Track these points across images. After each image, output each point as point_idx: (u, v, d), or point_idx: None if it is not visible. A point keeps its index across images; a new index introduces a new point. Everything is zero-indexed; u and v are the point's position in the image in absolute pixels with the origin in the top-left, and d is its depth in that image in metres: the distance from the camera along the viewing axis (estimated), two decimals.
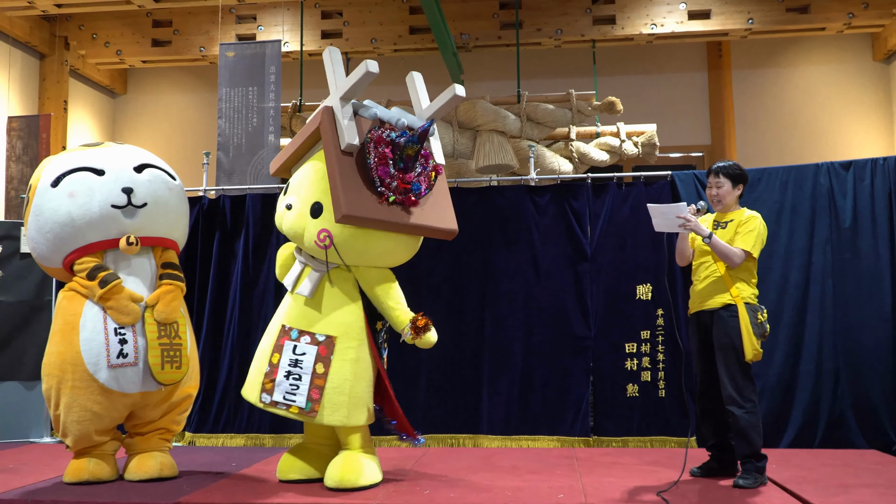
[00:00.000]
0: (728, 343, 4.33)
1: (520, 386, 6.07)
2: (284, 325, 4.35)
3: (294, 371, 4.24)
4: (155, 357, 4.27)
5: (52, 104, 9.46)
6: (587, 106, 7.93)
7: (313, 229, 4.24)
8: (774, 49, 9.83)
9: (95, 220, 4.31)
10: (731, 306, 4.37)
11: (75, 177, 4.35)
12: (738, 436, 4.31)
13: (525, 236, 6.20)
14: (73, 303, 4.29)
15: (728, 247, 4.36)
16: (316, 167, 4.35)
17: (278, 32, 9.16)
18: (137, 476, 4.40)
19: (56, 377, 4.21)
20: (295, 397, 4.21)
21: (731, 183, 4.52)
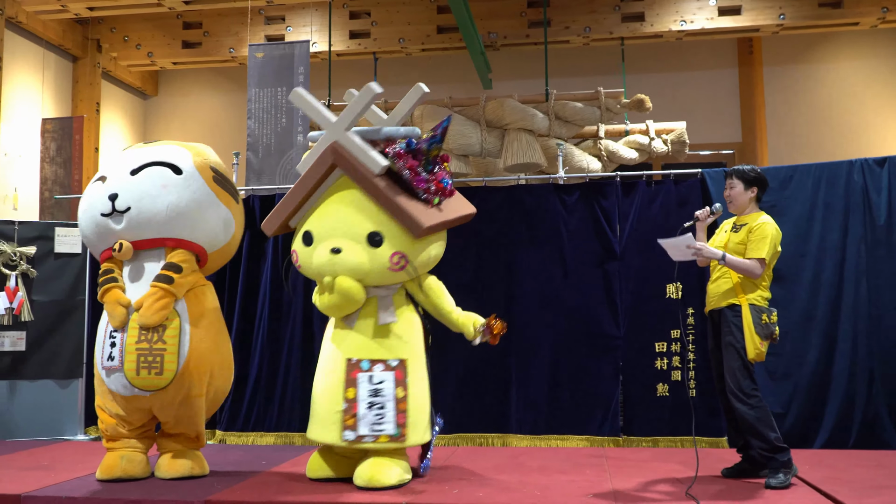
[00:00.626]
0: (731, 341, 4.37)
1: (549, 385, 6.04)
2: (350, 359, 4.26)
3: (376, 401, 4.19)
4: (130, 362, 4.22)
5: (85, 106, 9.58)
6: (616, 104, 7.89)
7: (382, 258, 4.19)
8: (806, 45, 9.71)
9: (94, 231, 4.47)
10: (735, 306, 4.41)
11: (89, 188, 4.54)
12: (748, 432, 4.32)
13: (553, 235, 6.17)
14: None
15: (744, 262, 4.37)
16: (344, 202, 4.27)
17: (307, 33, 9.21)
18: (168, 474, 4.43)
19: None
20: (382, 426, 4.17)
21: (744, 185, 4.56)
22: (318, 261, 4.21)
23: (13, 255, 6.62)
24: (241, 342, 6.41)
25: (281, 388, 6.32)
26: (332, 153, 4.24)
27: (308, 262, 4.29)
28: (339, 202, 4.28)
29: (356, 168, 4.20)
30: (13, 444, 5.87)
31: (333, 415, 4.21)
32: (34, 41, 9.01)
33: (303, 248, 4.32)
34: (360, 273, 4.20)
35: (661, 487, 4.25)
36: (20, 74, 8.79)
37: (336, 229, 4.23)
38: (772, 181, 5.91)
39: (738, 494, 4.08)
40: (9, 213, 8.37)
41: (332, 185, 4.35)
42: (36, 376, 6.66)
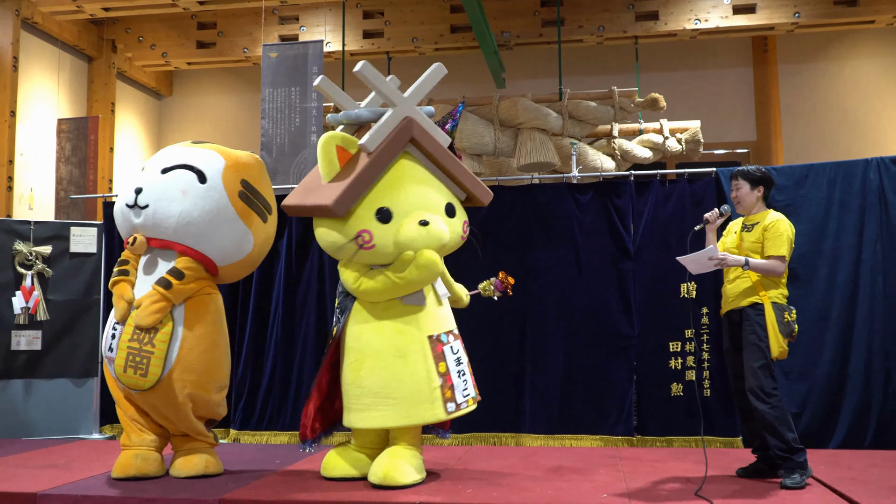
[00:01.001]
0: (754, 340, 4.34)
1: (562, 385, 6.03)
2: (431, 335, 4.28)
3: (461, 368, 4.36)
4: (120, 358, 4.28)
5: (100, 106, 9.63)
6: (630, 103, 7.87)
7: (456, 227, 4.36)
8: (821, 43, 9.66)
9: (120, 217, 4.58)
10: (758, 304, 4.39)
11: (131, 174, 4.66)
12: (767, 431, 4.29)
13: (567, 234, 6.16)
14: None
15: (766, 263, 4.38)
16: (415, 178, 4.28)
17: (320, 33, 9.22)
18: (183, 473, 4.45)
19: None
20: (468, 390, 4.37)
21: (749, 185, 4.56)
22: (407, 235, 4.13)
23: (29, 254, 6.67)
24: (254, 342, 6.43)
25: (294, 387, 6.33)
26: (411, 128, 4.26)
27: (387, 238, 4.14)
28: (410, 178, 4.26)
29: (434, 141, 4.31)
30: (29, 443, 5.90)
31: (431, 392, 4.19)
32: (50, 42, 9.06)
33: (379, 225, 4.14)
34: (441, 245, 4.24)
35: (675, 487, 4.24)
36: (36, 75, 8.85)
37: (417, 203, 4.22)
38: (787, 180, 5.90)
39: (752, 494, 4.07)
40: (24, 213, 8.42)
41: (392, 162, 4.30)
42: (51, 375, 6.70)
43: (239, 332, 6.46)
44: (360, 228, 4.14)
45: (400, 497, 3.97)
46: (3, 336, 6.57)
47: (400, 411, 4.17)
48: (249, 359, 6.40)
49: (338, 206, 4.06)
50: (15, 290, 6.58)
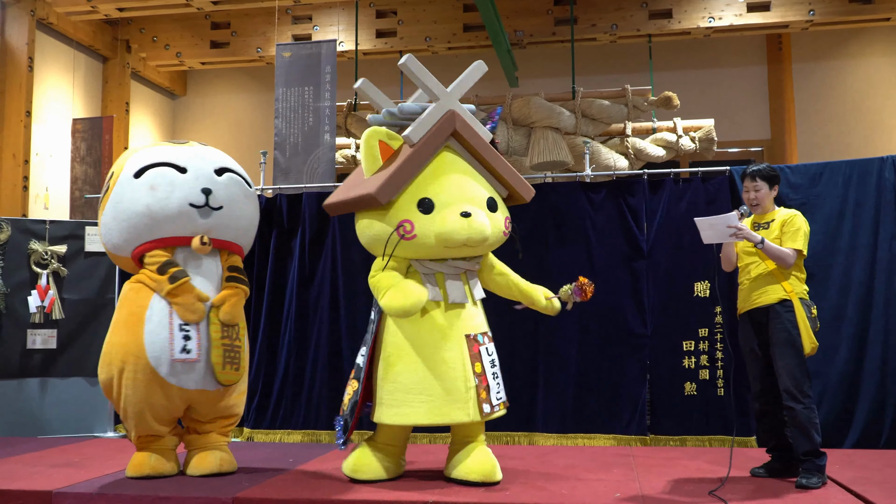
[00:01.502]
0: (786, 337, 4.30)
1: (575, 384, 6.02)
2: (468, 335, 4.25)
3: (495, 371, 4.34)
4: (217, 356, 4.35)
5: (115, 106, 9.68)
6: (643, 101, 7.85)
7: (498, 223, 4.32)
8: (836, 41, 9.60)
9: (172, 216, 4.38)
10: (786, 301, 4.35)
11: (158, 171, 4.42)
12: (797, 432, 4.24)
13: (580, 233, 6.15)
14: (139, 295, 4.36)
15: (781, 249, 4.35)
16: (457, 170, 4.29)
17: (333, 32, 9.24)
18: (198, 471, 4.47)
19: (117, 367, 4.30)
20: (501, 394, 4.33)
21: (768, 185, 4.55)
22: (450, 226, 4.10)
23: (44, 253, 6.71)
24: (268, 341, 6.45)
25: (308, 385, 6.35)
26: (454, 121, 4.27)
27: (429, 229, 4.12)
28: (452, 171, 4.27)
29: (477, 135, 4.33)
30: (44, 441, 5.94)
31: (466, 392, 4.15)
32: (65, 42, 9.11)
33: (421, 216, 4.13)
34: (482, 239, 4.21)
35: (689, 487, 4.23)
36: (51, 75, 8.90)
37: (459, 196, 4.20)
38: (801, 178, 5.88)
39: (767, 495, 4.05)
40: (40, 213, 8.48)
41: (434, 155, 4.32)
42: (67, 374, 6.74)
43: (252, 331, 6.48)
44: (401, 218, 4.15)
45: (413, 496, 3.98)
46: (18, 335, 6.62)
47: (433, 409, 4.12)
48: (263, 358, 6.42)
49: (381, 193, 4.07)
50: (30, 290, 6.63)
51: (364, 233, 4.34)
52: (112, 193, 4.45)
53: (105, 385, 4.41)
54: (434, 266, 4.27)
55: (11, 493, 4.14)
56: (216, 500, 3.94)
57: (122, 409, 4.37)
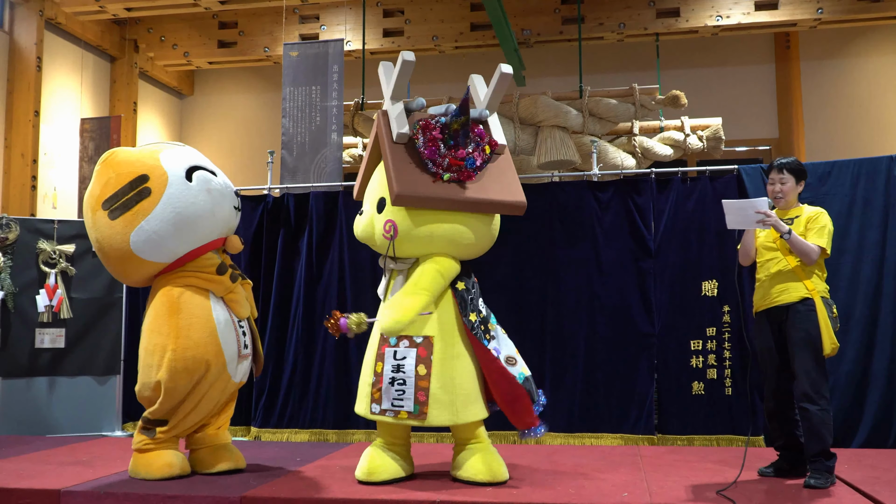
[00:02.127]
0: (806, 338, 4.23)
1: (583, 383, 6.02)
2: (383, 334, 4.27)
3: (398, 376, 4.19)
4: (259, 347, 4.65)
5: (123, 106, 9.71)
6: (650, 100, 7.83)
7: (379, 224, 4.27)
8: (844, 39, 9.57)
9: (226, 218, 4.54)
10: (808, 300, 4.27)
11: (202, 174, 4.45)
12: (809, 433, 4.20)
13: (588, 232, 6.14)
14: (197, 298, 4.34)
15: (807, 243, 4.25)
16: (380, 171, 4.43)
17: (341, 32, 9.25)
18: (216, 468, 4.49)
19: (199, 371, 4.25)
20: (402, 402, 4.16)
21: (795, 179, 4.44)
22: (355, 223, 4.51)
23: (53, 253, 6.73)
24: (275, 340, 6.46)
25: (315, 385, 6.35)
26: (376, 122, 4.39)
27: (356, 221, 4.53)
28: (378, 170, 4.47)
29: (384, 133, 4.33)
30: (53, 440, 5.96)
31: (365, 387, 4.31)
32: (73, 42, 9.14)
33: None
34: (369, 238, 4.39)
35: (696, 487, 4.22)
36: (59, 75, 8.93)
37: (368, 194, 4.48)
38: (809, 177, 5.82)
39: (775, 494, 4.04)
40: (48, 212, 8.50)
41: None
42: (75, 373, 6.76)
43: (260, 331, 6.46)
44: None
45: (420, 496, 3.98)
46: (27, 334, 6.64)
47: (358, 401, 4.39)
48: (270, 357, 6.42)
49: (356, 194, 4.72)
50: (39, 289, 6.65)
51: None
52: (165, 197, 4.25)
53: (175, 390, 4.25)
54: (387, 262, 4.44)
55: (20, 491, 4.16)
56: (224, 499, 3.95)
57: (182, 412, 4.32)
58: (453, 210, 4.24)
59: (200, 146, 11.00)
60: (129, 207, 4.27)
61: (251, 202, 6.67)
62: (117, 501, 4.02)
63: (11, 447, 5.52)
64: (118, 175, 4.35)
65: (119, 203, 4.29)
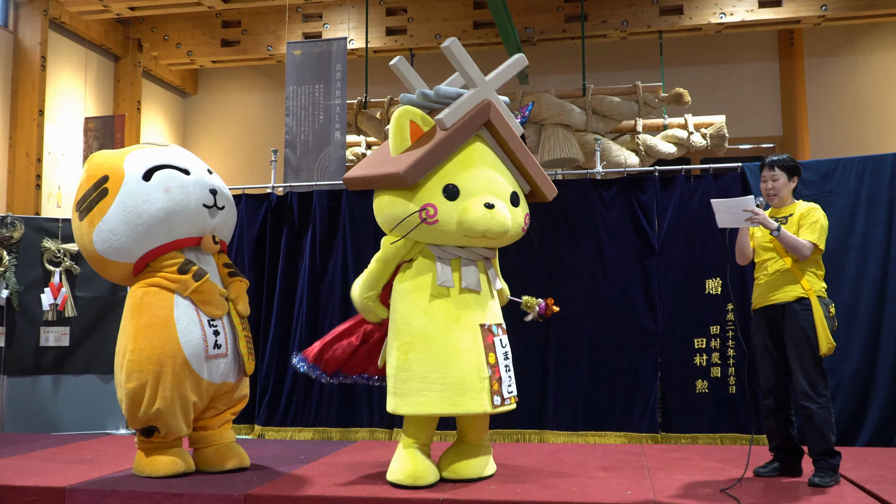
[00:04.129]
0: (802, 337, 4.22)
1: (586, 381, 6.01)
2: (483, 324, 4.21)
3: (507, 363, 4.26)
4: (244, 348, 4.50)
5: (127, 105, 9.72)
6: (654, 98, 7.82)
7: (518, 218, 4.28)
8: (848, 36, 9.56)
9: (189, 217, 4.38)
10: (804, 299, 4.26)
11: (165, 173, 4.36)
12: (812, 432, 4.19)
13: (591, 230, 6.14)
14: (159, 297, 4.31)
15: (797, 239, 4.25)
16: (486, 161, 4.25)
17: (344, 30, 9.25)
18: (221, 467, 4.50)
19: (153, 372, 4.20)
20: (512, 388, 4.25)
21: (787, 175, 4.41)
22: (473, 215, 4.04)
23: (57, 251, 6.74)
24: (279, 338, 6.46)
25: (319, 383, 6.34)
26: (489, 111, 4.24)
27: (451, 216, 4.08)
28: (480, 161, 4.23)
29: (509, 128, 4.32)
30: (57, 438, 5.97)
31: (480, 382, 4.09)
32: (77, 41, 9.15)
33: (445, 201, 4.08)
34: (503, 232, 4.16)
35: (700, 485, 4.21)
36: (63, 74, 8.94)
37: (484, 187, 4.17)
38: (814, 175, 5.85)
39: (779, 493, 4.03)
40: (53, 211, 8.52)
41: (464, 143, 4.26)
42: (79, 371, 6.78)
43: (263, 329, 6.50)
44: (426, 202, 4.08)
45: (423, 494, 3.98)
46: (31, 332, 6.66)
47: (447, 398, 4.05)
48: (274, 355, 6.43)
49: (409, 174, 3.99)
50: (43, 287, 6.67)
51: (383, 210, 4.25)
52: (118, 198, 4.27)
53: (135, 392, 4.23)
54: (453, 251, 4.22)
55: (25, 489, 4.17)
56: (228, 497, 3.96)
57: (153, 413, 4.25)
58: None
59: (204, 145, 11.07)
60: (91, 208, 4.32)
61: (255, 201, 6.68)
62: (122, 499, 4.03)
63: (17, 445, 5.53)
64: (88, 177, 4.40)
65: (85, 204, 4.35)
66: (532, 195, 4.56)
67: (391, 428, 6.18)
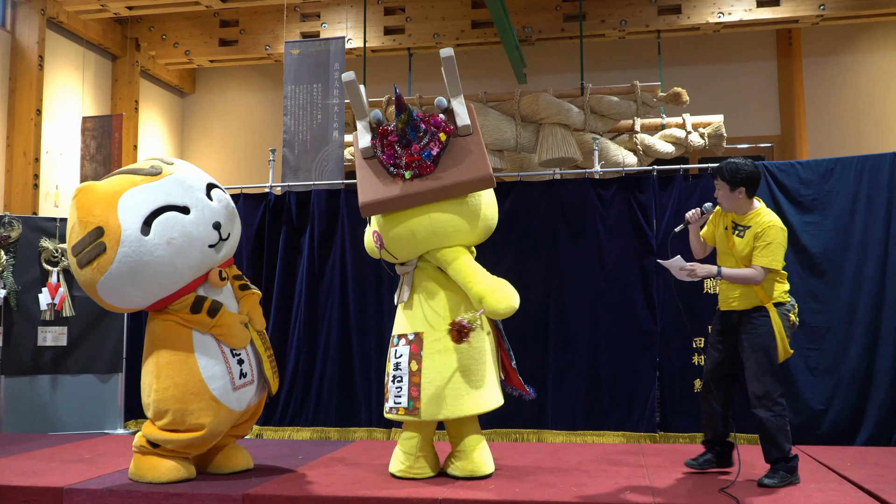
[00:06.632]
0: (759, 344, 4.20)
1: (585, 381, 6.01)
2: (392, 337, 4.46)
3: (397, 374, 4.31)
4: (269, 370, 4.48)
5: (124, 104, 9.70)
6: (652, 97, 7.81)
7: (369, 236, 4.49)
8: (847, 36, 9.55)
9: (195, 264, 4.19)
10: (761, 308, 4.25)
11: (165, 219, 4.09)
12: (765, 439, 4.18)
13: (590, 230, 6.13)
14: (178, 333, 4.23)
15: (742, 273, 4.21)
16: None
17: (342, 29, 9.24)
18: (231, 468, 4.52)
19: (179, 410, 4.16)
20: (400, 399, 4.27)
21: (729, 187, 4.27)
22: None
23: (55, 251, 6.73)
24: (277, 337, 6.46)
25: (318, 383, 6.35)
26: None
27: None
28: None
29: (356, 150, 4.48)
30: (55, 438, 5.96)
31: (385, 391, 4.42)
32: (74, 41, 9.14)
33: None
34: (371, 250, 4.62)
35: (699, 484, 4.21)
36: (61, 74, 8.92)
37: None
38: (812, 174, 5.85)
39: (778, 493, 4.03)
40: (50, 210, 8.51)
41: None
42: (77, 371, 6.77)
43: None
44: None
45: (423, 493, 3.98)
46: (29, 332, 6.65)
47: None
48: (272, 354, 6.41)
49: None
50: (41, 287, 6.66)
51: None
52: (119, 255, 4.01)
53: (171, 426, 4.20)
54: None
55: (23, 489, 4.16)
56: (227, 497, 3.95)
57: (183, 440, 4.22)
58: (422, 204, 4.26)
59: (202, 144, 11.06)
60: (90, 262, 4.09)
61: (253, 200, 6.67)
62: (120, 499, 4.03)
63: (15, 445, 5.52)
64: (80, 223, 4.13)
65: (82, 253, 4.11)
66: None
67: (389, 428, 6.18)
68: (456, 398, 4.23)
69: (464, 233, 4.35)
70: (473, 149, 4.33)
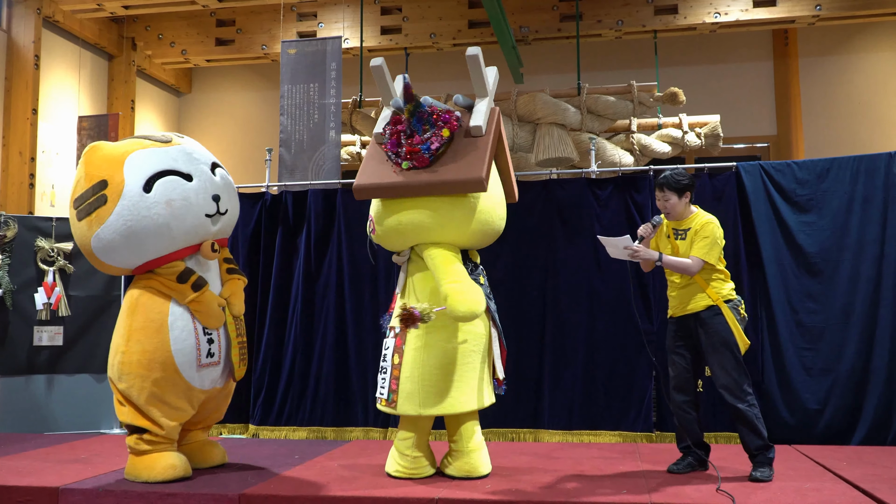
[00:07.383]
0: (720, 341, 4.36)
1: (582, 380, 6.01)
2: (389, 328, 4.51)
3: (383, 365, 4.38)
4: (236, 355, 4.46)
5: (121, 104, 9.69)
6: (649, 97, 7.81)
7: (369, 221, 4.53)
8: (843, 36, 9.57)
9: (189, 230, 4.28)
10: (713, 307, 4.41)
11: (167, 182, 4.20)
12: (746, 428, 4.32)
13: (587, 229, 6.13)
14: (156, 301, 4.26)
15: (681, 261, 4.42)
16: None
17: (338, 29, 9.23)
18: (207, 463, 4.59)
19: (141, 376, 4.19)
20: (383, 390, 4.33)
21: (677, 195, 4.50)
22: None
23: (51, 251, 6.73)
24: (274, 337, 6.45)
25: (314, 382, 6.35)
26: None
27: None
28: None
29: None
30: (51, 438, 5.96)
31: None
32: (71, 40, 9.12)
33: None
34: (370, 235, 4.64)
35: (695, 484, 4.22)
36: (57, 73, 8.91)
37: None
38: (808, 174, 5.86)
39: (775, 492, 4.04)
40: (46, 210, 8.49)
41: None
42: (73, 371, 6.77)
43: (258, 328, 6.49)
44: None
45: (419, 492, 3.98)
46: (25, 332, 6.64)
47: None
48: (269, 354, 6.42)
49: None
50: (37, 286, 6.65)
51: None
52: (118, 208, 4.14)
53: (125, 392, 4.25)
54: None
55: (19, 489, 4.16)
56: (223, 496, 3.95)
57: (144, 415, 4.25)
58: (412, 196, 4.28)
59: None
60: (89, 212, 4.23)
61: (249, 200, 6.67)
62: (116, 499, 4.03)
63: (10, 445, 5.52)
64: (87, 176, 4.27)
65: (83, 205, 4.24)
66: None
67: (386, 427, 6.18)
68: (428, 396, 4.24)
69: (451, 232, 4.32)
70: (476, 150, 4.32)
